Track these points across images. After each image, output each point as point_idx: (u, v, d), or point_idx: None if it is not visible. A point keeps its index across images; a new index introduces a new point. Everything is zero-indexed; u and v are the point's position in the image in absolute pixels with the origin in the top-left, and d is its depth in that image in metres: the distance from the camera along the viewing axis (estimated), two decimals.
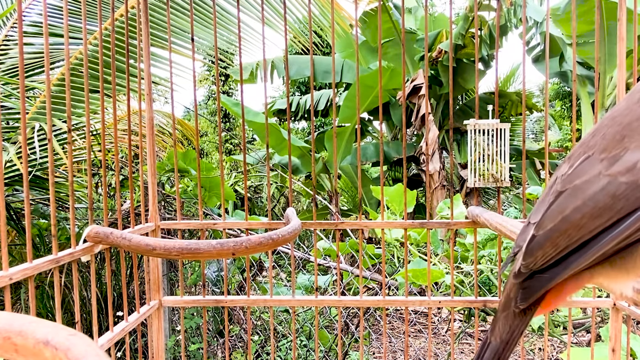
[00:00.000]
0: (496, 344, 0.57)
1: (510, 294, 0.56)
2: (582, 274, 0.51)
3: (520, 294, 0.54)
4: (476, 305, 1.30)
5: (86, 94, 1.03)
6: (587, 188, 0.50)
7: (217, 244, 0.85)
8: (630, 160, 0.47)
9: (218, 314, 3.30)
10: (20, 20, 0.86)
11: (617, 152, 0.49)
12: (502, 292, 0.59)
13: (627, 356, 1.24)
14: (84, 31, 1.04)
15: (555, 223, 0.51)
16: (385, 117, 6.12)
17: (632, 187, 0.46)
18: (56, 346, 0.38)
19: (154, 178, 1.31)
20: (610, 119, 0.54)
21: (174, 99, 1.44)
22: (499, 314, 0.57)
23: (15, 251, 2.80)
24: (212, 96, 11.48)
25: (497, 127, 2.57)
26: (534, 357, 3.31)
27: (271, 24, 2.74)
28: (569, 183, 0.53)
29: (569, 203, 0.51)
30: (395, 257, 2.39)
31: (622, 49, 1.17)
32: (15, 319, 0.41)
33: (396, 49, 5.43)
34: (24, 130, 0.84)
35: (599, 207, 0.48)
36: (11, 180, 2.32)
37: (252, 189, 5.91)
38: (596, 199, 0.49)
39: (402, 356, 3.53)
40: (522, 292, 0.54)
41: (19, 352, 0.40)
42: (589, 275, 0.52)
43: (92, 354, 0.36)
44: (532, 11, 5.05)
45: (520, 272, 0.53)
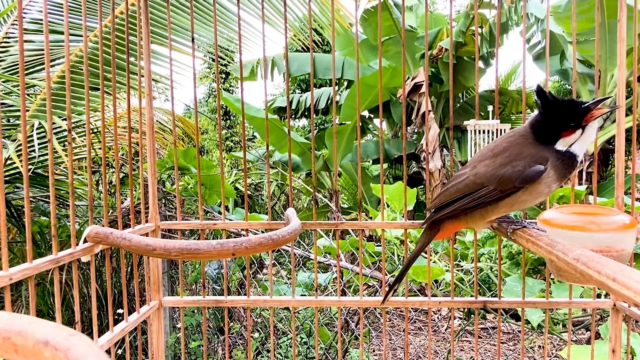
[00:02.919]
0: (417, 247, 1.07)
1: (426, 220, 1.05)
2: (452, 219, 1.01)
3: (430, 222, 1.04)
4: (476, 305, 1.30)
5: (86, 91, 1.03)
6: (459, 178, 0.98)
7: (217, 244, 0.85)
8: (476, 171, 0.96)
9: (219, 311, 3.31)
10: (20, 18, 0.86)
11: (475, 165, 0.97)
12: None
13: (627, 356, 1.24)
14: (84, 28, 1.04)
15: (445, 188, 1.01)
16: (385, 115, 6.11)
17: (472, 182, 0.95)
18: (56, 346, 0.38)
19: (154, 176, 1.31)
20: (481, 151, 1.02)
21: (174, 97, 1.44)
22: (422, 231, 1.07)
23: (16, 248, 2.80)
24: (212, 94, 11.47)
25: (497, 126, 2.57)
26: (534, 355, 3.32)
27: (271, 22, 2.74)
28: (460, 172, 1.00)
29: (452, 182, 1.00)
30: (395, 254, 2.39)
31: (622, 48, 1.17)
32: (15, 319, 0.41)
33: (397, 47, 5.42)
34: (24, 127, 0.84)
35: (458, 187, 0.97)
36: (12, 178, 2.33)
37: (253, 187, 5.91)
38: (459, 184, 0.97)
39: (402, 354, 3.54)
40: (427, 217, 1.05)
41: (18, 353, 0.40)
42: (456, 221, 1.01)
43: (92, 354, 0.36)
44: (533, 9, 5.04)
45: (430, 208, 1.05)
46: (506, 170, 0.90)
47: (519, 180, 0.89)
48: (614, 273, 0.52)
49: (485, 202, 0.93)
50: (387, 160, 5.98)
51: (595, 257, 0.58)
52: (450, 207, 0.98)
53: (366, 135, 6.96)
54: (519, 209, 0.98)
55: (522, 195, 0.92)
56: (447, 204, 0.99)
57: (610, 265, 0.54)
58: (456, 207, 0.97)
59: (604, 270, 0.54)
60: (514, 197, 0.92)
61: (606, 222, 0.85)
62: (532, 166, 0.89)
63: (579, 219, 0.86)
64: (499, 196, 0.92)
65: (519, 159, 0.90)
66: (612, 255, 0.82)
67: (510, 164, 0.91)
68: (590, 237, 0.83)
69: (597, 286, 0.79)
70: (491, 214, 0.96)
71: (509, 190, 0.91)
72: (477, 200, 0.94)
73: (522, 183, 0.90)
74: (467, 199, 0.95)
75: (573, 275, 0.82)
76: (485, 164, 0.94)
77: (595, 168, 1.33)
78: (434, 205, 1.02)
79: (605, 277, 0.53)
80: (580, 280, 0.89)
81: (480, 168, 0.95)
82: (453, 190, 0.98)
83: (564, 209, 0.91)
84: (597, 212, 0.88)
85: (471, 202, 0.95)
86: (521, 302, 1.29)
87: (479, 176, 0.94)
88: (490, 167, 0.93)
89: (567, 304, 1.29)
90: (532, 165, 0.89)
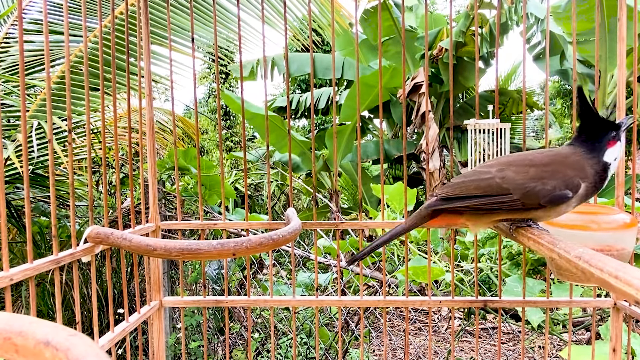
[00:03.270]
0: (405, 225, 1.02)
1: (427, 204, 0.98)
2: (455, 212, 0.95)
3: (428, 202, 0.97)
4: (476, 305, 1.30)
5: (86, 91, 1.03)
6: (482, 174, 0.93)
7: (217, 245, 0.85)
8: (505, 174, 0.90)
9: (219, 311, 3.31)
10: (20, 18, 0.86)
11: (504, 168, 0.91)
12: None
13: (627, 355, 1.24)
14: (84, 29, 1.04)
15: (460, 179, 0.95)
16: (385, 115, 6.11)
17: (497, 185, 0.89)
18: (56, 346, 0.38)
19: (155, 176, 1.31)
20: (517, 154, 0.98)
21: (174, 97, 1.44)
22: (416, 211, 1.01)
23: (16, 249, 2.80)
24: (212, 94, 11.48)
25: (497, 126, 2.56)
26: (534, 355, 3.32)
27: (271, 22, 2.74)
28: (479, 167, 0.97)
29: (471, 175, 0.95)
30: (395, 255, 2.39)
31: (622, 48, 1.17)
32: (16, 320, 0.41)
33: (397, 47, 5.42)
34: (24, 128, 0.84)
35: (479, 184, 0.91)
36: (12, 178, 2.32)
37: (253, 187, 5.90)
38: (481, 181, 0.91)
39: (402, 354, 3.54)
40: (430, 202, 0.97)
41: (19, 353, 0.40)
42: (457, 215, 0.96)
43: (92, 355, 0.36)
44: (533, 9, 5.03)
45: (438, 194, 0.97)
46: (536, 185, 0.87)
47: (545, 199, 0.86)
48: (616, 271, 0.52)
49: (503, 208, 0.90)
50: (387, 160, 5.98)
51: (596, 256, 0.58)
52: (464, 202, 0.93)
53: (366, 135, 6.96)
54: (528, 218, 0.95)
55: (542, 213, 0.89)
56: (461, 198, 0.93)
57: (611, 264, 0.54)
58: (470, 205, 0.92)
59: (606, 268, 0.54)
60: (533, 212, 0.89)
61: (607, 221, 0.85)
62: (562, 190, 0.86)
63: (579, 218, 0.86)
64: (520, 207, 0.88)
65: (553, 178, 0.87)
66: (612, 254, 0.82)
67: (542, 180, 0.87)
68: (591, 236, 0.83)
69: (598, 284, 0.79)
70: (501, 218, 0.94)
71: (532, 205, 0.88)
72: (495, 204, 0.90)
73: (547, 204, 0.87)
74: (485, 200, 0.91)
75: (574, 274, 0.82)
76: (515, 170, 0.90)
77: None
78: (444, 194, 0.96)
79: (607, 275, 0.53)
80: (581, 279, 0.89)
81: (509, 172, 0.90)
82: (472, 186, 0.93)
83: None
84: (598, 211, 0.88)
85: (488, 204, 0.90)
86: (521, 302, 1.29)
87: (507, 181, 0.89)
88: (520, 174, 0.89)
89: (567, 303, 1.29)
90: (562, 188, 0.86)
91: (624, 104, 1.18)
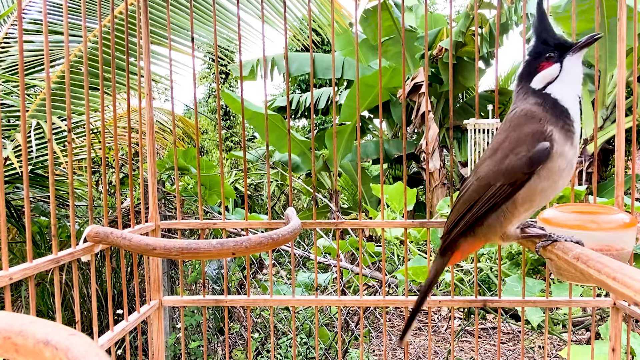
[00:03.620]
0: (429, 277, 0.98)
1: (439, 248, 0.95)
2: (468, 236, 0.90)
3: (442, 248, 0.94)
4: (476, 304, 1.30)
5: (86, 91, 1.03)
6: (466, 187, 0.90)
7: (217, 244, 0.85)
8: (479, 172, 0.88)
9: (218, 311, 3.31)
10: (20, 18, 0.86)
11: (477, 168, 0.89)
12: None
13: (627, 355, 1.24)
14: (84, 29, 1.04)
15: (453, 206, 0.93)
16: (385, 115, 6.11)
17: (477, 187, 0.86)
18: (56, 346, 0.38)
19: (154, 176, 1.31)
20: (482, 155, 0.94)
21: (174, 97, 1.44)
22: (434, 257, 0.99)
23: (16, 249, 2.80)
24: (212, 94, 11.47)
25: (497, 126, 2.57)
26: (534, 355, 3.32)
27: (271, 22, 2.74)
28: (464, 184, 0.92)
29: (460, 195, 0.91)
30: (395, 255, 2.39)
31: (622, 48, 1.17)
32: (16, 319, 0.41)
33: (397, 47, 5.42)
34: (23, 128, 0.84)
35: (465, 198, 0.88)
36: (12, 178, 2.32)
37: (253, 187, 5.90)
38: (465, 194, 0.88)
39: (402, 354, 3.54)
40: (441, 244, 0.94)
41: (19, 352, 0.40)
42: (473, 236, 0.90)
43: (92, 354, 0.36)
44: (533, 9, 5.03)
45: (442, 234, 0.95)
46: (509, 161, 0.80)
47: (528, 165, 0.78)
48: (614, 272, 0.52)
49: (497, 202, 0.82)
50: (387, 160, 5.98)
51: (595, 256, 0.58)
52: (462, 221, 0.87)
53: (366, 135, 6.96)
54: (542, 202, 0.85)
55: (539, 182, 0.80)
56: (458, 220, 0.88)
57: (610, 264, 0.54)
58: (467, 219, 0.86)
59: (604, 269, 0.54)
60: (530, 187, 0.80)
61: (606, 221, 0.85)
62: (536, 145, 0.78)
63: (579, 218, 0.86)
64: (511, 190, 0.80)
65: (520, 143, 0.80)
66: (612, 254, 0.82)
67: (512, 152, 0.80)
68: (591, 235, 0.83)
69: (597, 285, 0.78)
70: (510, 216, 0.84)
71: (519, 180, 0.79)
72: (488, 203, 0.83)
73: (533, 166, 0.78)
74: (476, 206, 0.84)
75: (573, 274, 0.82)
76: (487, 164, 0.86)
77: (595, 168, 1.33)
78: (446, 229, 0.92)
79: (605, 276, 0.53)
80: (581, 279, 0.89)
81: (482, 169, 0.86)
82: (459, 204, 0.88)
83: (565, 208, 0.91)
84: (597, 211, 0.88)
85: (482, 207, 0.84)
86: (521, 301, 1.29)
87: (482, 177, 0.84)
88: (492, 164, 0.84)
89: (567, 303, 1.29)
90: (535, 144, 0.78)
91: (624, 104, 1.19)
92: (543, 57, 0.83)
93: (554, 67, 0.82)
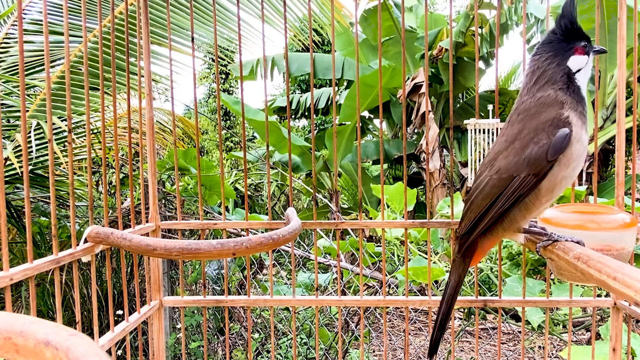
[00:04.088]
0: (453, 282, 0.95)
1: (455, 252, 0.94)
2: (488, 234, 0.87)
3: (457, 248, 0.92)
4: (476, 304, 1.30)
5: (86, 92, 1.03)
6: (481, 184, 0.86)
7: (217, 244, 0.85)
8: (497, 167, 0.84)
9: (219, 311, 3.31)
10: (20, 19, 0.86)
11: (493, 163, 0.85)
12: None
13: (627, 355, 1.24)
14: (84, 29, 1.04)
15: (468, 205, 0.88)
16: (385, 116, 6.11)
17: (498, 180, 0.82)
18: (57, 346, 0.38)
19: (154, 176, 1.31)
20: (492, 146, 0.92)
21: (174, 97, 1.44)
22: (451, 265, 0.95)
23: (16, 249, 2.80)
24: (212, 94, 11.48)
25: (497, 126, 2.57)
26: (534, 355, 3.32)
27: (271, 22, 2.74)
28: (474, 183, 0.89)
29: (473, 193, 0.87)
30: (396, 255, 2.39)
31: (622, 48, 1.17)
32: (16, 320, 0.41)
33: (397, 47, 5.42)
34: (24, 128, 0.84)
35: (485, 193, 0.84)
36: (12, 178, 2.32)
37: (253, 187, 5.90)
38: (484, 189, 0.85)
39: (402, 354, 3.54)
40: (458, 246, 0.92)
41: (19, 353, 0.40)
42: (492, 234, 0.88)
43: (92, 354, 0.36)
44: (532, 9, 5.03)
45: (457, 235, 0.92)
46: (531, 150, 0.78)
47: (550, 153, 0.77)
48: (614, 272, 0.52)
49: (522, 194, 0.80)
50: (387, 160, 5.98)
51: (595, 256, 0.58)
52: (486, 218, 0.84)
53: (366, 135, 6.96)
54: (561, 192, 0.84)
55: (560, 171, 0.79)
56: (480, 218, 0.84)
57: (610, 264, 0.54)
58: (492, 215, 0.83)
59: (605, 269, 0.54)
60: (552, 176, 0.79)
61: (606, 220, 0.85)
62: (556, 132, 0.77)
63: (579, 218, 0.86)
64: (535, 181, 0.79)
65: (538, 131, 0.79)
66: (612, 254, 0.82)
67: (532, 141, 0.79)
68: (591, 235, 0.83)
69: (598, 285, 0.78)
70: (532, 208, 0.82)
71: (543, 169, 0.78)
72: (513, 195, 0.80)
73: (556, 154, 0.77)
74: (501, 200, 0.81)
75: (574, 274, 0.82)
76: (505, 156, 0.83)
77: (595, 168, 1.33)
78: (463, 229, 0.89)
79: (606, 276, 0.53)
80: (581, 279, 0.89)
81: (501, 162, 0.83)
82: (479, 200, 0.85)
83: (565, 207, 0.91)
84: (598, 211, 0.89)
85: (508, 201, 0.81)
86: (521, 301, 1.29)
87: (503, 170, 0.81)
88: (510, 155, 0.81)
89: (567, 303, 1.29)
90: (555, 131, 0.78)
91: (624, 104, 1.19)
92: (577, 43, 0.83)
93: (585, 57, 0.83)
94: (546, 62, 0.84)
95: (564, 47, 0.84)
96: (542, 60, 0.85)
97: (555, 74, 0.83)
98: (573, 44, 0.84)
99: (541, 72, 0.84)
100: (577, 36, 0.84)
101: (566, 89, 0.82)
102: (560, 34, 0.85)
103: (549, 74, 0.84)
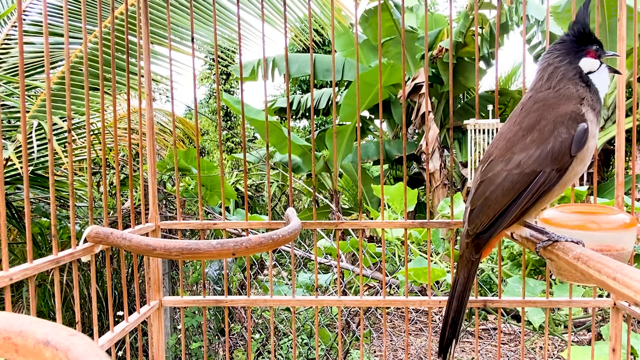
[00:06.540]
0: (463, 279, 0.91)
1: (464, 248, 0.88)
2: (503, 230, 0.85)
3: (473, 249, 0.86)
4: (477, 304, 1.30)
5: (86, 92, 1.03)
6: (496, 178, 0.81)
7: (217, 244, 0.85)
8: (516, 160, 0.80)
9: (219, 312, 3.31)
10: (20, 20, 0.86)
11: (509, 156, 0.81)
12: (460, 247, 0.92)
13: (627, 355, 1.24)
14: (84, 30, 1.04)
15: (482, 201, 0.83)
16: (386, 116, 6.11)
17: (520, 175, 0.78)
18: (56, 346, 0.38)
19: (154, 177, 1.31)
20: (500, 135, 0.88)
21: (174, 97, 1.44)
22: (459, 261, 0.92)
23: (17, 249, 2.80)
24: (213, 94, 11.48)
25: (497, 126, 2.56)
26: (534, 356, 3.31)
27: (271, 22, 2.74)
28: (484, 176, 0.84)
29: (487, 188, 0.83)
30: (396, 255, 2.39)
31: (622, 48, 1.17)
32: (16, 319, 0.41)
33: (397, 48, 5.42)
34: (24, 128, 0.84)
35: (506, 189, 0.80)
36: (13, 179, 2.33)
37: (253, 188, 5.91)
38: (503, 185, 0.80)
39: (402, 354, 3.54)
40: (474, 247, 0.86)
41: (19, 353, 0.40)
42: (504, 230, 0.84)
43: (92, 354, 0.36)
44: (532, 9, 5.03)
45: (469, 234, 0.86)
46: (554, 144, 0.77)
47: (573, 148, 0.76)
48: (614, 272, 0.52)
49: (545, 190, 0.78)
50: (387, 161, 5.98)
51: (595, 257, 0.58)
52: (509, 215, 0.80)
53: (366, 136, 6.96)
54: (569, 185, 0.85)
55: (575, 166, 0.79)
56: (501, 215, 0.81)
57: (610, 264, 0.54)
58: (517, 212, 0.80)
59: (604, 270, 0.54)
60: (570, 171, 0.79)
61: (606, 221, 0.85)
62: (576, 126, 0.77)
63: (579, 218, 0.86)
64: (557, 177, 0.78)
65: (558, 124, 0.77)
66: (612, 254, 0.82)
67: (553, 135, 0.77)
68: (591, 236, 0.83)
69: (598, 285, 0.78)
70: (545, 203, 0.82)
71: (566, 165, 0.77)
72: (537, 192, 0.78)
73: (578, 150, 0.76)
74: (526, 197, 0.79)
75: (574, 275, 0.82)
76: (523, 148, 0.80)
77: (596, 169, 1.33)
78: (479, 227, 0.84)
79: (606, 277, 0.53)
80: (581, 280, 0.89)
81: (520, 156, 0.80)
82: (499, 196, 0.80)
83: (565, 208, 0.91)
84: (598, 211, 0.88)
85: (532, 198, 0.79)
86: (521, 302, 1.29)
87: (526, 165, 0.78)
88: (532, 148, 0.78)
89: (567, 303, 1.29)
90: (575, 125, 0.77)
91: (624, 104, 1.19)
92: (589, 46, 0.85)
93: (597, 61, 0.85)
94: (557, 59, 0.86)
95: (576, 48, 0.86)
96: (553, 57, 0.87)
97: (567, 71, 0.85)
98: (585, 47, 0.86)
99: (553, 69, 0.86)
100: (590, 40, 0.86)
101: (586, 87, 0.84)
102: (573, 37, 0.87)
103: (561, 70, 0.85)
